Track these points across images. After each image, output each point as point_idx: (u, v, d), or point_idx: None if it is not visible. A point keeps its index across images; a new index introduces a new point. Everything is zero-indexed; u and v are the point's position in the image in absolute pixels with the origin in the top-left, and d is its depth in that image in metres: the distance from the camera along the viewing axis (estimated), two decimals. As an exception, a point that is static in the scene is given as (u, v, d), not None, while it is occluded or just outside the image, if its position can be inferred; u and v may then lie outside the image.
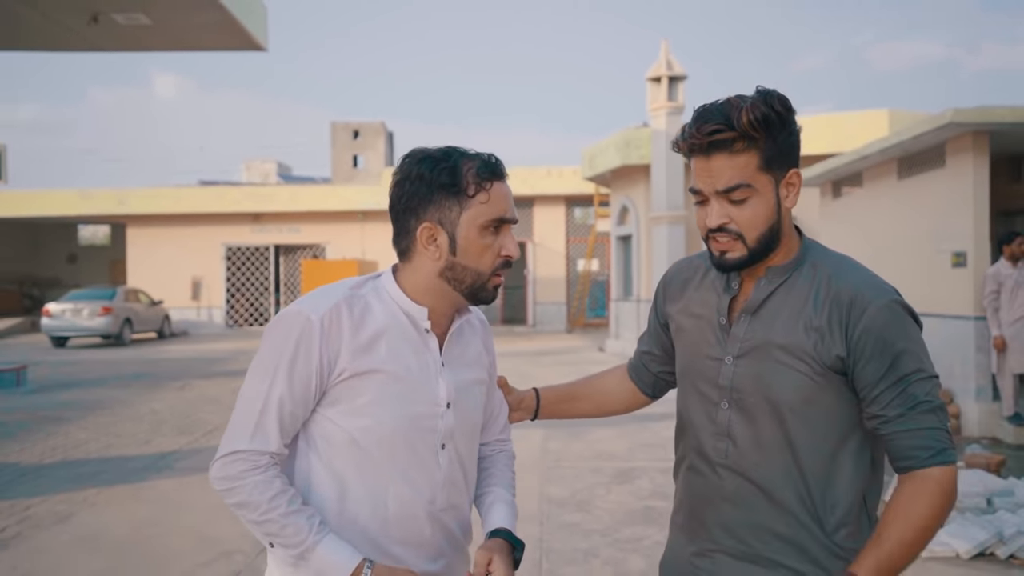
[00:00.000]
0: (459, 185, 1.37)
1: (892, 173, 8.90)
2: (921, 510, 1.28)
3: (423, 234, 1.39)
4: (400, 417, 1.39)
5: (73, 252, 28.77)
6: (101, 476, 6.03)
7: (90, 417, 8.70)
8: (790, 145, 1.33)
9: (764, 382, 1.35)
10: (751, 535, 1.38)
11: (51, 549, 4.43)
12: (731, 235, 1.34)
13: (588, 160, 17.11)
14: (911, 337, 1.33)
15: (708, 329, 1.44)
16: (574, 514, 4.98)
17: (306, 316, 1.36)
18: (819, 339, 1.32)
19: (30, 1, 11.31)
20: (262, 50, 14.01)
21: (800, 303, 1.35)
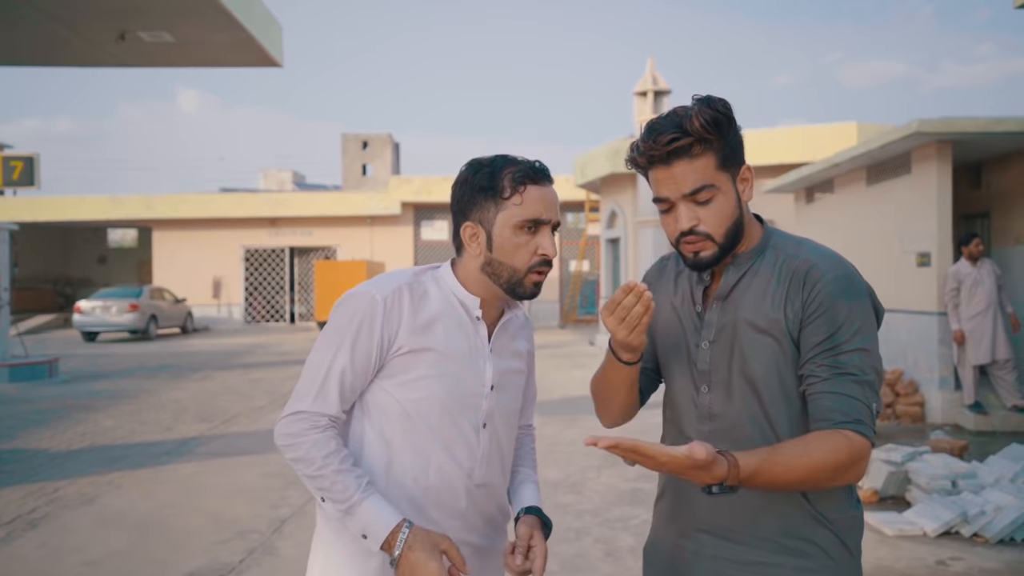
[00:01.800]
0: (496, 188, 1.40)
1: (861, 180, 8.85)
2: (823, 452, 1.18)
3: (466, 232, 1.44)
4: (449, 393, 1.42)
5: (103, 254, 28.63)
6: (125, 460, 5.96)
7: (117, 406, 8.62)
8: (738, 143, 1.33)
9: (737, 359, 1.32)
10: (733, 512, 1.33)
11: (77, 528, 4.36)
12: (701, 236, 1.31)
13: (580, 169, 17.05)
14: (856, 310, 1.27)
15: (686, 319, 1.41)
16: (567, 495, 4.92)
17: (371, 296, 1.40)
18: (782, 312, 1.29)
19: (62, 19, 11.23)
20: (278, 66, 13.93)
21: (764, 284, 1.32)
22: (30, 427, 7.37)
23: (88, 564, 3.77)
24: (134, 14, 11.12)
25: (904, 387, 7.46)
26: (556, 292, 22.73)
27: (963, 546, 3.92)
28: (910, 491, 4.65)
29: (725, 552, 1.34)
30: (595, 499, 4.80)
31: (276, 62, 13.72)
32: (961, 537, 4.03)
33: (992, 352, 6.71)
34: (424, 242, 23.30)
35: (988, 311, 6.71)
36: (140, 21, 11.46)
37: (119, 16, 11.19)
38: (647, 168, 1.33)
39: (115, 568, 3.73)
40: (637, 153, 1.33)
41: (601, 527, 4.27)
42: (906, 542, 4.00)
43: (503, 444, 1.52)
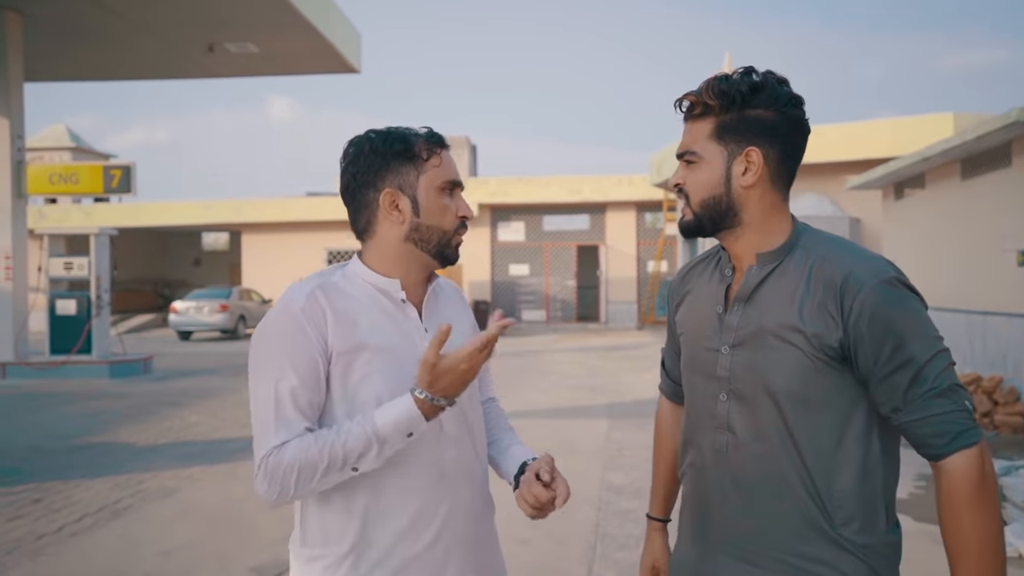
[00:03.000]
0: (413, 151, 1.35)
1: (955, 174, 8.32)
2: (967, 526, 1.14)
3: (385, 200, 1.35)
4: (394, 388, 1.30)
5: (198, 256, 30.13)
6: (206, 455, 6.21)
7: (202, 402, 9.02)
8: (754, 121, 1.23)
9: (760, 370, 1.22)
10: (752, 533, 1.24)
11: (155, 519, 4.56)
12: (684, 197, 1.30)
13: (656, 167, 16.77)
14: (912, 314, 1.17)
15: (706, 321, 1.32)
16: (631, 501, 4.81)
17: (288, 311, 1.30)
18: (813, 323, 1.19)
19: (154, 34, 11.86)
20: (356, 72, 14.31)
21: (792, 287, 1.22)
22: (123, 422, 7.80)
23: (161, 555, 3.94)
24: (221, 27, 11.66)
25: (1004, 395, 6.96)
26: (634, 293, 22.43)
27: (1063, 570, 3.61)
28: (1005, 508, 4.32)
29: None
30: (660, 506, 4.68)
31: (355, 68, 14.10)
32: (1061, 560, 3.72)
33: (1103, 359, 6.18)
34: (501, 243, 23.43)
35: (1099, 314, 6.19)
36: (226, 34, 12.01)
37: (207, 30, 11.76)
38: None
39: (185, 559, 3.88)
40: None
41: (664, 536, 4.15)
42: (997, 563, 3.71)
43: (469, 417, 1.41)
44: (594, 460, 5.80)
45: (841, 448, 1.20)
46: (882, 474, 1.23)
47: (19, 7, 10.97)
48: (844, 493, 1.20)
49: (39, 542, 4.13)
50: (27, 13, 11.10)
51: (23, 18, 11.20)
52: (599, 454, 6.02)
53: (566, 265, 22.91)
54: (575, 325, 22.20)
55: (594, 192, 21.67)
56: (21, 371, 11.07)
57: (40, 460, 6.10)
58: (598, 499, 4.85)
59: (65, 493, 5.11)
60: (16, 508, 4.76)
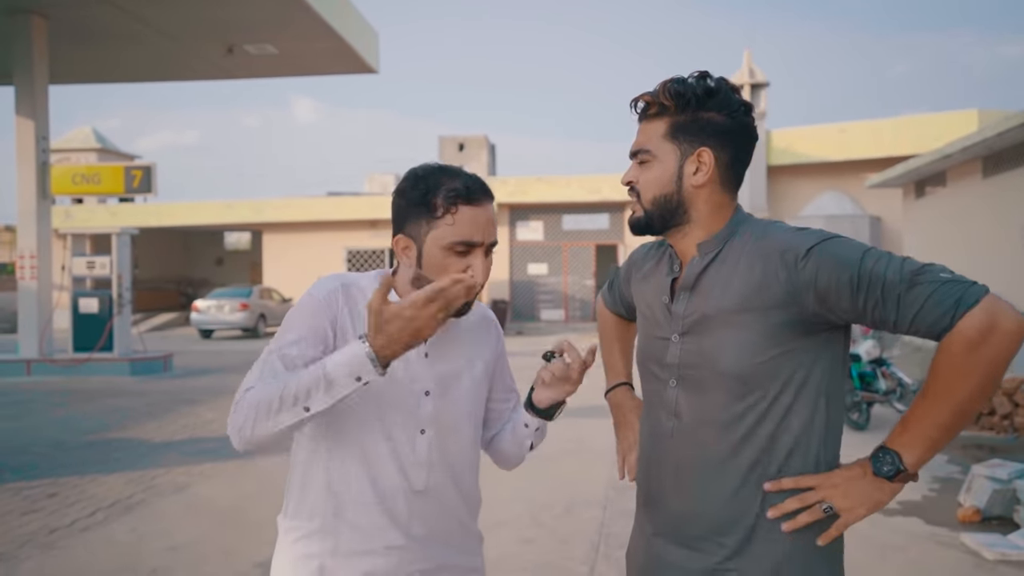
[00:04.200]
0: (428, 205, 1.35)
1: (977, 171, 8.18)
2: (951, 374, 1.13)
3: (398, 244, 1.41)
4: (377, 401, 1.36)
5: (220, 256, 30.49)
6: (218, 452, 6.28)
7: (218, 400, 9.13)
8: (707, 123, 1.27)
9: (708, 355, 1.26)
10: (691, 517, 1.29)
11: (166, 514, 4.63)
12: (635, 195, 1.34)
13: (674, 166, 16.68)
14: (847, 245, 1.20)
15: (657, 311, 1.37)
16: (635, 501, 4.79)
17: (311, 295, 1.39)
18: (756, 299, 1.22)
19: (173, 36, 12.02)
20: (374, 72, 14.40)
21: (733, 271, 1.26)
22: (140, 419, 7.92)
23: (168, 549, 3.99)
24: (239, 29, 11.80)
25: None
26: (652, 293, 22.34)
27: (1076, 575, 3.53)
28: (1018, 511, 4.24)
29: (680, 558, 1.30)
30: (667, 507, 4.66)
31: (372, 68, 14.19)
32: (1074, 565, 3.64)
33: None
34: (519, 242, 23.43)
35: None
36: (245, 35, 12.14)
37: (226, 32, 11.90)
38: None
39: (192, 553, 3.93)
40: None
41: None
42: (1009, 568, 3.64)
43: (452, 453, 1.43)
44: (603, 460, 5.79)
45: (784, 430, 1.23)
46: (824, 453, 1.26)
47: (45, 11, 11.18)
48: (789, 469, 1.23)
49: (51, 536, 4.21)
50: (52, 17, 11.31)
51: (48, 22, 11.41)
52: (608, 453, 6.00)
53: (585, 264, 22.86)
54: (593, 324, 22.13)
55: (613, 191, 21.58)
56: (45, 368, 11.28)
57: (58, 455, 6.21)
58: (604, 498, 4.83)
59: (80, 488, 5.20)
60: (31, 502, 4.86)
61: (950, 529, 4.22)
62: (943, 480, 5.22)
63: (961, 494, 4.61)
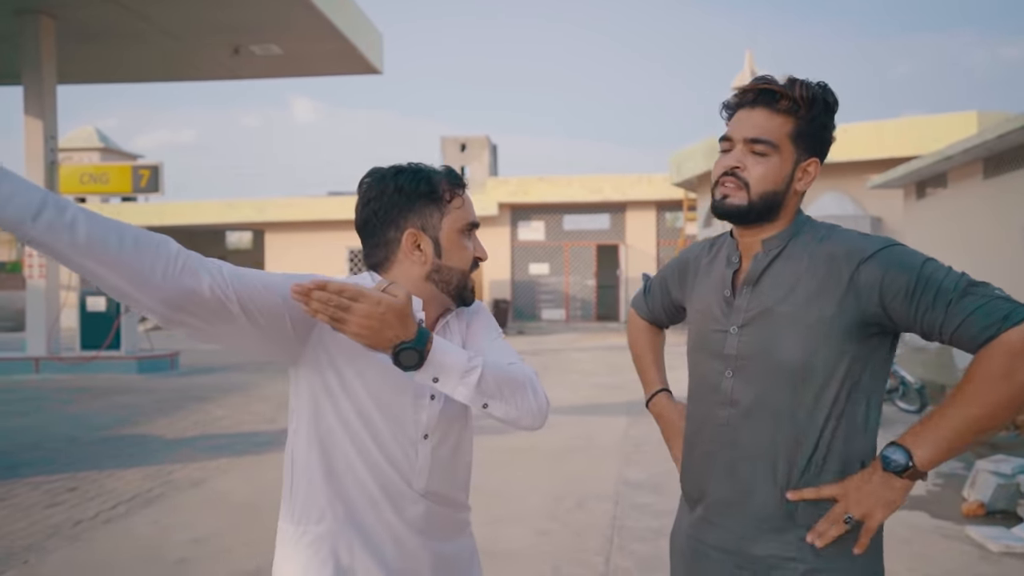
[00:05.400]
0: (437, 193, 1.37)
1: (978, 173, 8.28)
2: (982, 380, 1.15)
3: (408, 241, 1.36)
4: (378, 407, 1.34)
5: (223, 255, 30.54)
6: (232, 448, 6.37)
7: (227, 397, 9.21)
8: (822, 135, 1.33)
9: (767, 348, 1.30)
10: (738, 503, 1.34)
11: (185, 507, 4.71)
12: (739, 182, 1.31)
13: (676, 167, 16.77)
14: (912, 255, 1.25)
15: (714, 305, 1.41)
16: (648, 495, 4.88)
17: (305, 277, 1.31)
18: (821, 298, 1.27)
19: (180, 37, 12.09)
20: (378, 73, 14.46)
21: (797, 268, 1.31)
22: (151, 415, 7.99)
23: (193, 541, 4.08)
24: (245, 30, 11.87)
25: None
26: (653, 292, 22.43)
27: (1078, 566, 3.63)
28: (1022, 505, 4.34)
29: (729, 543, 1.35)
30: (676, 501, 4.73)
31: (376, 69, 14.26)
32: (1077, 557, 3.73)
33: None
34: (520, 242, 23.51)
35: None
36: (251, 36, 12.21)
37: (232, 32, 11.97)
38: (735, 110, 1.35)
39: (216, 545, 4.01)
40: (733, 95, 1.36)
41: (680, 529, 4.22)
42: (1013, 560, 3.74)
43: (452, 452, 1.43)
44: (612, 456, 5.88)
45: (835, 424, 1.28)
46: (866, 451, 1.31)
47: (52, 11, 11.25)
48: (830, 458, 1.28)
49: (76, 528, 4.29)
50: (60, 17, 11.38)
51: (56, 22, 11.48)
52: (617, 450, 6.09)
53: (586, 264, 22.95)
54: (595, 324, 22.23)
55: (614, 191, 21.69)
56: (53, 366, 11.35)
57: (73, 451, 6.29)
58: (615, 493, 4.92)
59: (99, 482, 5.28)
60: (52, 496, 4.94)
61: (955, 523, 4.32)
62: (947, 475, 5.32)
63: (965, 489, 4.71)
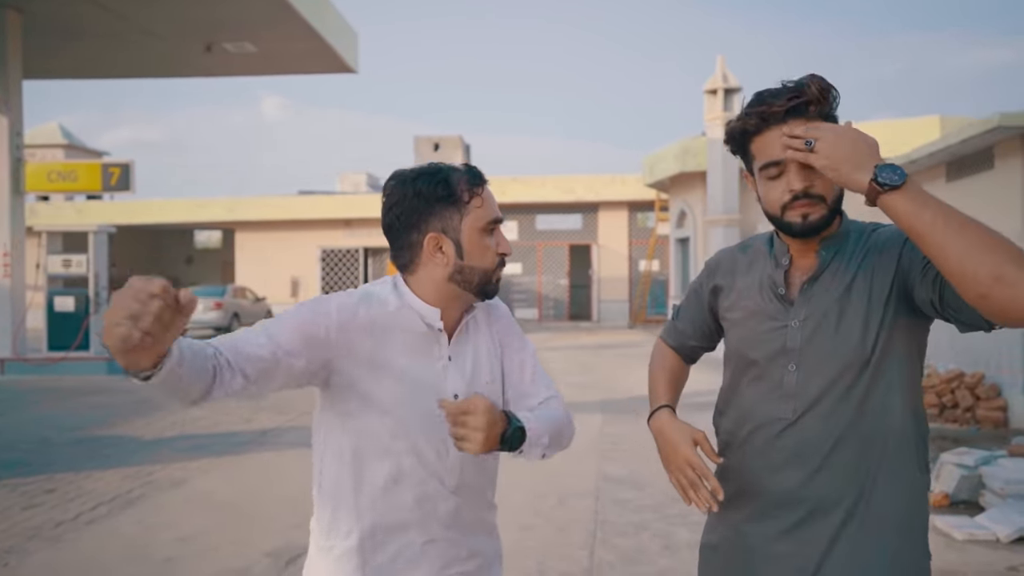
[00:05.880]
0: (456, 195, 1.38)
1: (940, 177, 8.55)
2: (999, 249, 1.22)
3: (429, 244, 1.38)
4: (409, 412, 1.38)
5: (190, 254, 30.11)
6: (211, 448, 6.34)
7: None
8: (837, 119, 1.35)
9: (830, 342, 1.33)
10: (809, 492, 1.34)
11: (169, 507, 4.71)
12: (814, 199, 1.31)
13: (648, 168, 16.97)
14: None
15: (768, 302, 1.41)
16: (628, 491, 4.99)
17: (326, 300, 1.38)
18: (874, 282, 1.32)
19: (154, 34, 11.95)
20: (353, 72, 14.42)
21: (853, 261, 1.36)
22: (126, 416, 7.91)
23: (179, 540, 4.08)
24: (220, 27, 11.77)
25: (985, 391, 7.19)
26: (625, 292, 22.64)
27: (1037, 553, 3.81)
28: (984, 496, 4.52)
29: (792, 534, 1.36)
30: (656, 496, 4.85)
31: (351, 68, 14.22)
32: (1036, 544, 3.92)
33: (1081, 355, 6.40)
34: (493, 242, 23.58)
35: (1077, 312, 6.41)
36: (225, 34, 12.11)
37: (206, 29, 11.87)
38: (758, 131, 1.32)
39: (202, 544, 4.03)
40: (748, 117, 1.32)
41: (660, 522, 4.33)
42: (977, 547, 3.91)
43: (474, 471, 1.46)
44: (590, 453, 5.98)
45: (898, 402, 1.33)
46: (919, 415, 1.36)
47: (19, 5, 11.04)
48: (897, 439, 1.33)
49: (57, 529, 4.27)
50: (27, 11, 11.17)
51: (23, 16, 11.27)
52: (594, 447, 6.20)
53: (559, 264, 23.10)
54: (567, 324, 22.38)
55: (587, 192, 21.87)
56: (19, 367, 11.14)
57: (48, 452, 6.22)
58: (596, 489, 5.02)
59: (77, 483, 5.24)
60: (30, 497, 4.89)
61: (922, 513, 4.49)
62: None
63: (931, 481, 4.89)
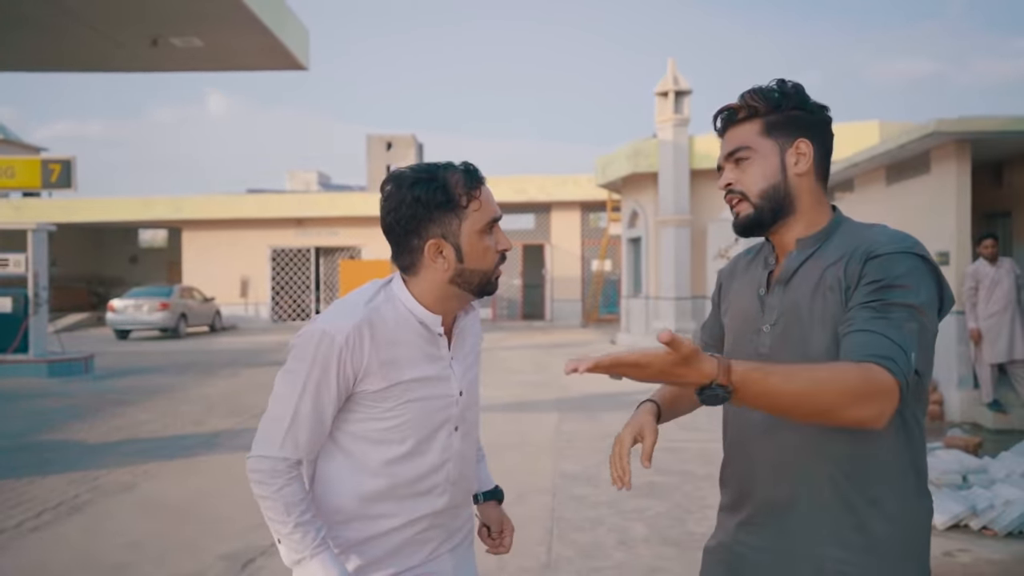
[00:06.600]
0: (454, 200, 1.39)
1: (881, 179, 8.87)
2: (832, 372, 1.10)
3: (430, 250, 1.41)
4: (420, 416, 1.45)
5: (135, 254, 29.24)
6: (160, 452, 6.20)
7: (150, 401, 8.91)
8: (798, 118, 1.36)
9: (797, 346, 1.29)
10: (787, 501, 1.30)
11: (117, 513, 4.59)
12: (736, 195, 1.37)
13: (601, 169, 17.15)
14: (917, 273, 1.21)
15: (750, 305, 1.41)
16: (584, 487, 5.05)
17: (331, 336, 1.37)
18: (837, 295, 1.26)
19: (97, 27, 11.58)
20: (304, 70, 14.21)
21: (826, 265, 1.30)
22: (69, 420, 7.67)
23: (129, 546, 3.99)
24: (166, 21, 11.45)
25: (923, 386, 7.49)
26: (578, 292, 22.83)
27: (971, 539, 4.00)
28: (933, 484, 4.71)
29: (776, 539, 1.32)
30: (611, 491, 4.93)
31: (302, 65, 14.00)
32: (970, 530, 4.11)
33: (1010, 351, 6.73)
34: (447, 242, 23.51)
35: (1006, 310, 6.73)
36: (172, 27, 11.80)
37: (152, 23, 11.53)
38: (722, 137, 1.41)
39: (154, 549, 3.94)
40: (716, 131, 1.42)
41: (615, 517, 4.40)
42: (915, 535, 4.08)
43: (473, 436, 1.59)
44: (546, 451, 6.04)
45: None
46: (913, 440, 1.28)
47: (-50, -6, 10.57)
48: (878, 455, 1.26)
49: (0, 537, 4.13)
50: (-42, 0, 10.71)
51: (-46, 5, 10.80)
52: (550, 445, 6.26)
53: (512, 264, 23.15)
54: (521, 323, 22.46)
55: (539, 192, 21.98)
56: (-47, 371, 10.69)
57: (-13, 459, 5.99)
58: (552, 487, 5.07)
59: (19, 490, 5.06)
60: (-31, 506, 4.72)
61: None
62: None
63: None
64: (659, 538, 3.97)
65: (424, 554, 1.51)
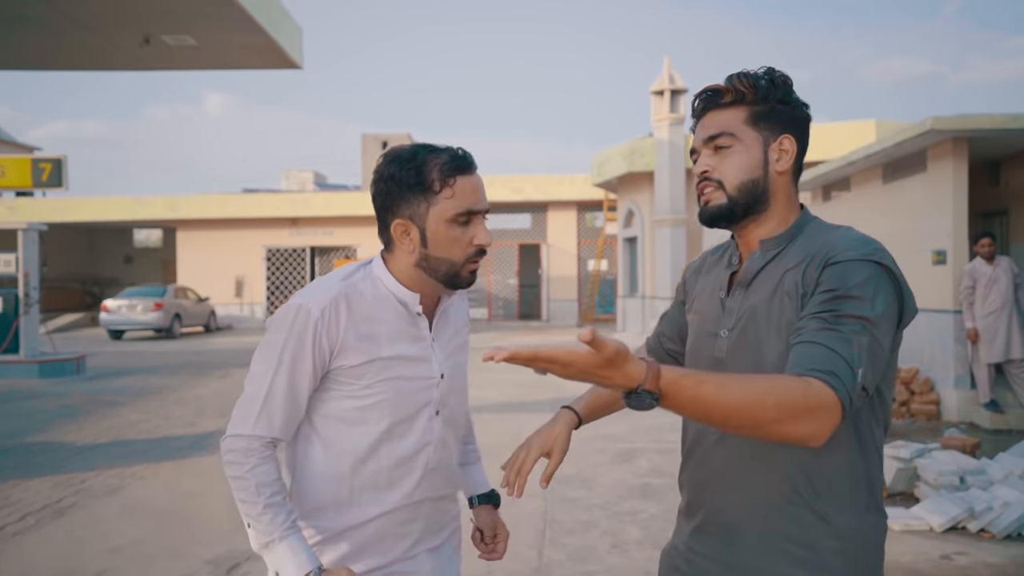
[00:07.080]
0: (425, 183, 1.36)
1: (877, 178, 8.82)
2: (769, 385, 1.03)
3: (396, 230, 1.40)
4: (398, 395, 1.42)
5: (129, 254, 29.12)
6: (149, 453, 6.12)
7: (142, 401, 8.83)
8: (784, 112, 1.29)
9: (753, 352, 1.24)
10: (740, 510, 1.26)
11: (103, 517, 4.51)
12: (713, 183, 1.28)
13: (597, 168, 17.10)
14: (875, 282, 1.14)
15: (711, 307, 1.35)
16: (577, 490, 4.99)
17: (307, 309, 1.36)
18: (794, 301, 1.20)
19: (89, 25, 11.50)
20: (298, 68, 14.13)
21: (785, 269, 1.24)
22: (58, 421, 7.59)
23: (111, 551, 3.91)
24: (158, 19, 11.37)
25: (919, 385, 7.44)
26: (574, 291, 22.78)
27: (969, 541, 3.94)
28: (918, 487, 4.67)
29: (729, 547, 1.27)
30: (605, 494, 4.87)
31: (296, 64, 13.93)
32: (968, 533, 4.05)
33: (1007, 351, 6.68)
34: (443, 242, 23.43)
35: (1003, 310, 6.69)
36: (164, 25, 11.72)
37: (144, 21, 11.44)
38: (695, 129, 1.33)
39: (137, 554, 3.87)
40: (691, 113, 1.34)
41: (609, 520, 4.34)
42: (912, 537, 4.02)
43: (457, 424, 1.56)
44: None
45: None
46: (867, 454, 1.23)
47: (-60, -8, 10.48)
48: (829, 469, 1.20)
49: (-19, 542, 4.06)
50: (-51, -2, 10.62)
51: (-55, 3, 10.71)
52: (545, 446, 6.20)
53: (508, 264, 23.10)
54: (517, 323, 22.40)
55: (536, 191, 21.91)
56: (-57, 372, 10.60)
57: (-27, 461, 5.91)
58: (545, 489, 5.01)
59: (3, 493, 4.99)
60: (-48, 509, 4.64)
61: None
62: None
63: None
64: (653, 541, 3.91)
65: (403, 548, 1.48)
